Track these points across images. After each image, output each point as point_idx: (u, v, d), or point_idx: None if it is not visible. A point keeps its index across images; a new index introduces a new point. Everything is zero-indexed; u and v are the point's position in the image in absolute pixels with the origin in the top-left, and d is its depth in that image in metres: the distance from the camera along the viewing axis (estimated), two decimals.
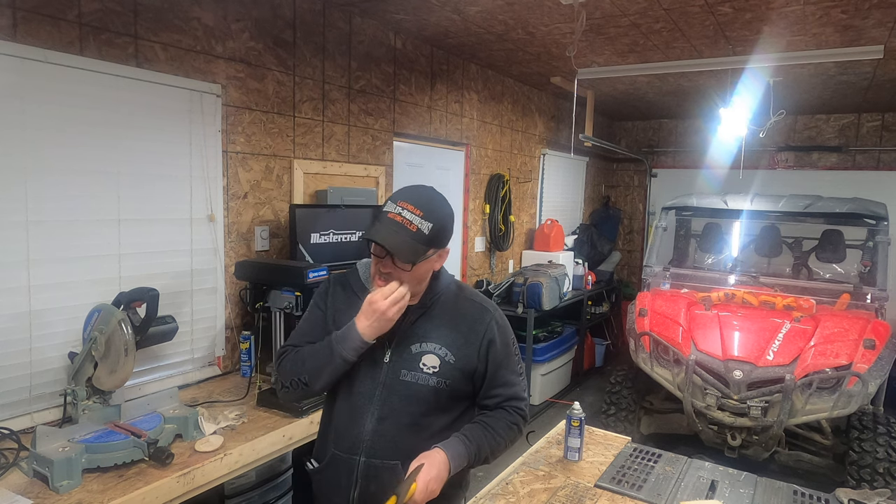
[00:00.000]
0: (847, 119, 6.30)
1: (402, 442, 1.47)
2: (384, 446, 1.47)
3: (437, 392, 1.48)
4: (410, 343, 1.50)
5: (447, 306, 1.54)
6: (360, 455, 1.48)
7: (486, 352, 1.52)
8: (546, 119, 5.88)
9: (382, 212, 1.44)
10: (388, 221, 1.41)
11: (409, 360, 1.48)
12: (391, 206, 1.43)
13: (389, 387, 1.48)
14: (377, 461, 1.47)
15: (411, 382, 1.47)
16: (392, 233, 1.39)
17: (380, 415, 1.47)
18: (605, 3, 3.04)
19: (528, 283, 4.69)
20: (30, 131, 2.07)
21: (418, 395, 1.47)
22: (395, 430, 1.47)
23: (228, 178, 2.80)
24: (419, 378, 1.47)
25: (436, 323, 1.52)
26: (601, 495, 1.80)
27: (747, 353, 3.45)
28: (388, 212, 1.42)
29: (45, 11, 2.08)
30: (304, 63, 3.13)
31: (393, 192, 1.53)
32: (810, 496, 1.84)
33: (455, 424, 1.54)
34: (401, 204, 1.42)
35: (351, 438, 1.49)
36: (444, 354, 1.49)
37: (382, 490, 1.44)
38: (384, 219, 1.42)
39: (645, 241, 7.35)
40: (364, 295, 1.50)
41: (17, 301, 2.09)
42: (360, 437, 1.48)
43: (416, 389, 1.47)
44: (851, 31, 3.35)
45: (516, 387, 1.57)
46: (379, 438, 1.47)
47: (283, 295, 2.49)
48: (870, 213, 4.14)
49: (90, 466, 1.79)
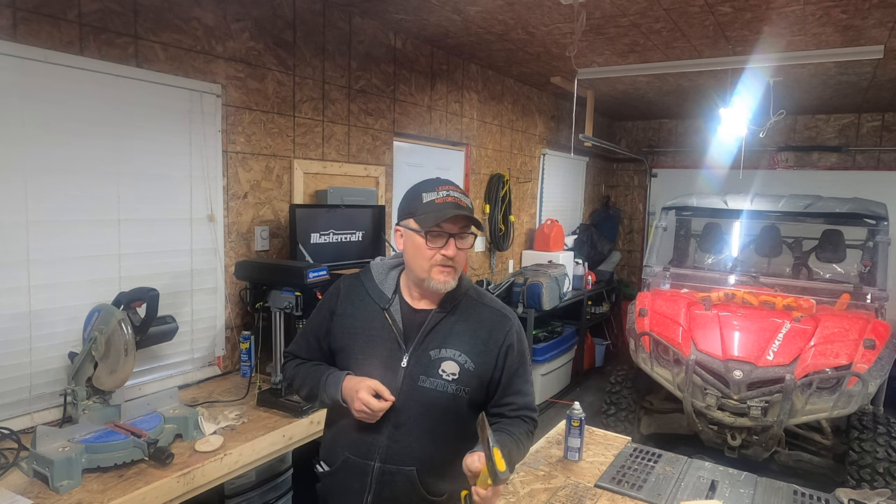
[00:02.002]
0: (847, 119, 6.30)
1: (419, 449, 1.45)
2: (400, 452, 1.44)
3: (456, 399, 1.45)
4: (429, 348, 1.47)
5: (467, 312, 1.51)
6: (375, 461, 1.45)
7: (503, 359, 1.50)
8: (546, 119, 5.88)
9: (428, 202, 1.42)
10: (445, 204, 1.40)
11: (428, 366, 1.45)
12: (433, 194, 1.43)
13: (407, 393, 1.44)
14: (393, 467, 1.44)
15: (430, 389, 1.44)
16: (461, 209, 1.41)
17: (396, 421, 1.44)
18: (605, 3, 3.04)
19: (528, 283, 4.69)
20: (30, 131, 2.07)
21: (437, 403, 1.44)
22: (412, 436, 1.45)
23: (228, 178, 2.80)
24: (438, 385, 1.44)
25: (456, 329, 1.49)
26: (601, 495, 1.80)
27: (747, 353, 3.45)
28: (434, 198, 1.42)
29: (45, 11, 2.08)
30: (304, 63, 3.13)
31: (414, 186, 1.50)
32: (810, 496, 1.84)
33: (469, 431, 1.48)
34: (442, 189, 1.43)
35: (366, 444, 1.46)
36: (464, 361, 1.46)
37: (397, 495, 1.43)
38: (436, 205, 1.41)
39: (645, 241, 7.35)
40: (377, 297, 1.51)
41: (17, 301, 2.09)
42: (376, 443, 1.45)
43: (434, 396, 1.44)
44: (851, 31, 3.35)
45: (529, 396, 1.55)
46: (395, 444, 1.45)
47: (283, 295, 2.49)
48: (870, 213, 4.14)
49: (90, 466, 1.78)
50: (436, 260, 1.43)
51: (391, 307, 1.51)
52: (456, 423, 1.47)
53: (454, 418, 1.46)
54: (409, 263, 1.50)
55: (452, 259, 1.43)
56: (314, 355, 1.63)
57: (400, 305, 1.52)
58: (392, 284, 1.55)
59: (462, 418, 1.47)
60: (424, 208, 1.42)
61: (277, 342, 2.54)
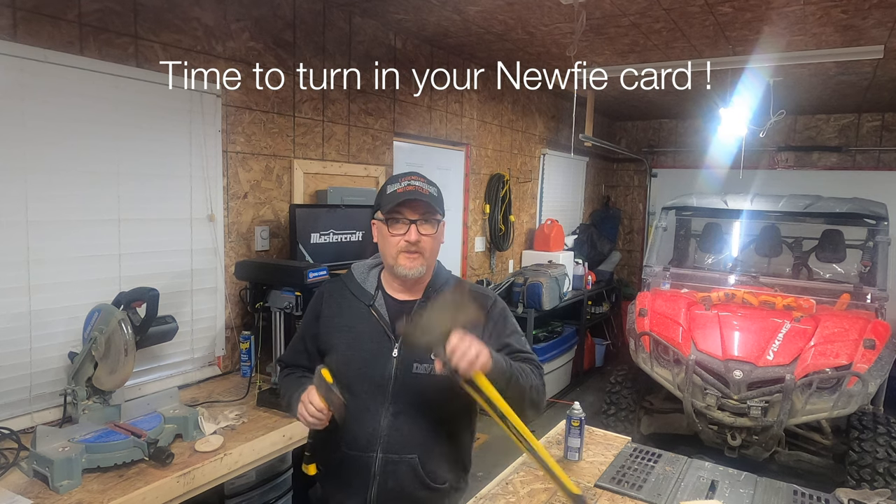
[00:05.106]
0: (847, 119, 6.30)
1: (419, 435, 1.47)
2: (401, 440, 1.46)
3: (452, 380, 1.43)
4: None
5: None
6: (377, 451, 1.46)
7: (492, 328, 1.53)
8: (546, 119, 5.88)
9: (391, 193, 1.46)
10: (406, 192, 1.44)
11: (420, 353, 1.45)
12: (396, 185, 1.47)
13: (402, 381, 1.47)
14: (395, 456, 1.46)
15: (425, 375, 1.46)
16: (418, 194, 1.44)
17: (395, 409, 1.47)
18: (605, 3, 3.04)
19: (528, 283, 4.69)
20: (30, 131, 2.07)
21: (433, 387, 1.46)
22: (410, 423, 1.47)
23: (228, 177, 2.80)
24: (432, 370, 1.43)
25: None
26: (601, 495, 1.80)
27: (747, 352, 3.45)
28: (396, 188, 1.46)
29: (45, 11, 2.08)
30: (304, 63, 3.13)
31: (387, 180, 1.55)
32: (810, 496, 1.84)
33: (464, 414, 1.55)
34: (404, 179, 1.48)
35: (366, 436, 1.47)
36: None
37: (401, 485, 1.45)
38: (397, 194, 1.45)
39: (645, 241, 7.35)
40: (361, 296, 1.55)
41: (17, 301, 2.09)
42: (376, 433, 1.46)
43: (430, 381, 1.46)
44: (851, 31, 3.35)
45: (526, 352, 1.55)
46: (395, 433, 1.46)
47: (283, 295, 2.49)
48: (870, 213, 4.13)
49: (90, 466, 1.78)
50: (400, 246, 1.47)
51: (375, 302, 1.54)
52: (454, 403, 1.49)
53: (452, 399, 1.46)
54: (381, 255, 1.56)
55: (416, 244, 1.46)
56: (303, 361, 1.65)
57: (384, 300, 1.55)
58: (374, 282, 1.58)
59: (459, 399, 1.45)
60: (388, 199, 1.47)
61: (277, 342, 2.54)
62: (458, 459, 1.58)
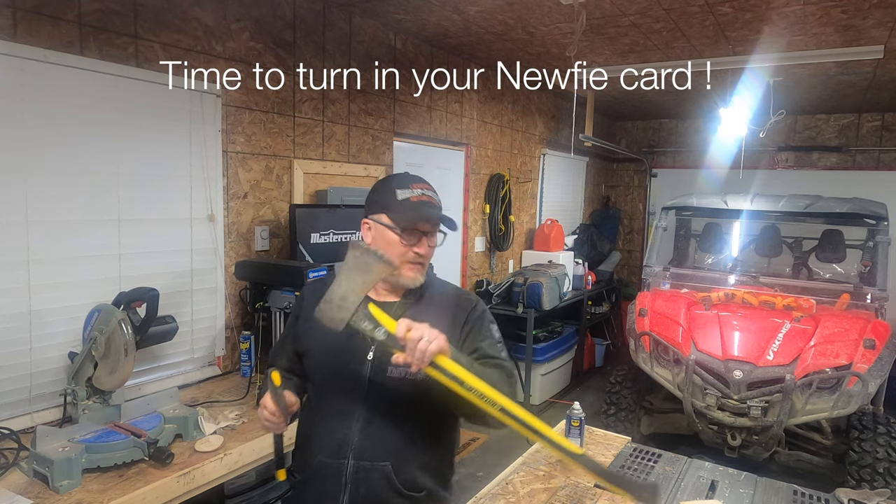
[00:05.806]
0: (847, 119, 6.30)
1: (392, 442, 1.42)
2: (373, 447, 1.42)
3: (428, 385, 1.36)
4: None
5: (431, 299, 1.51)
6: (348, 458, 1.42)
7: (468, 331, 1.48)
8: (546, 119, 5.88)
9: (403, 199, 1.43)
10: (420, 203, 1.43)
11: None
12: (407, 191, 1.45)
13: (376, 385, 1.43)
14: (367, 463, 1.41)
15: (399, 379, 1.41)
16: (436, 209, 1.44)
17: (367, 415, 1.43)
18: (605, 3, 3.04)
19: (528, 283, 4.69)
20: (30, 131, 2.07)
21: (407, 393, 1.42)
22: (383, 429, 1.42)
23: (228, 177, 2.80)
24: (407, 374, 1.39)
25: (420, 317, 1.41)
26: (601, 495, 1.80)
27: (747, 353, 3.45)
28: (409, 196, 1.44)
29: (45, 11, 2.08)
30: (304, 63, 3.13)
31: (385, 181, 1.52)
32: (810, 496, 1.84)
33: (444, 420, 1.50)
34: (416, 187, 1.46)
35: (337, 442, 1.43)
36: None
37: (373, 493, 1.41)
38: (412, 203, 1.43)
39: (645, 241, 7.35)
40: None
41: (17, 301, 2.09)
42: (348, 439, 1.42)
43: (405, 386, 1.41)
44: (851, 31, 3.35)
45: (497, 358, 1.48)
46: (366, 439, 1.42)
47: (283, 295, 2.50)
48: (870, 213, 4.13)
49: (90, 466, 1.78)
50: (408, 257, 1.45)
51: None
52: (427, 411, 1.44)
53: (426, 406, 1.42)
54: None
55: (423, 256, 1.46)
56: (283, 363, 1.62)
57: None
58: None
59: (433, 406, 1.42)
60: (400, 206, 1.43)
61: None
62: (437, 466, 1.51)
